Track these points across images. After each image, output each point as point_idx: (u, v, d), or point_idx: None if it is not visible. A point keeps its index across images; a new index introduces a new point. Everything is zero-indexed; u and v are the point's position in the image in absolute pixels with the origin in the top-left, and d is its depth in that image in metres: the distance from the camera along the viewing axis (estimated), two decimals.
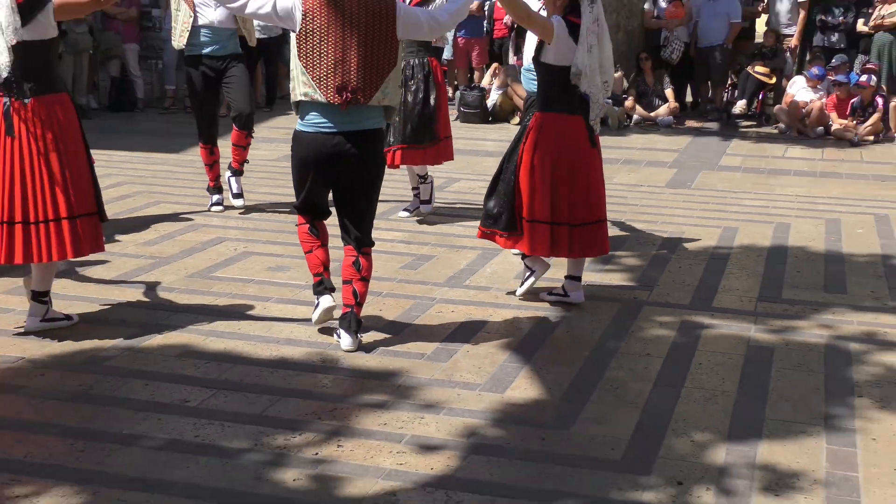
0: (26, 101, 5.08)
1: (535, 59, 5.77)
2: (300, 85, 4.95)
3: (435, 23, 5.31)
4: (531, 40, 6.25)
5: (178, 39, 8.11)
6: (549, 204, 5.61)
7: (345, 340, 5.05)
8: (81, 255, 5.40)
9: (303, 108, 5.02)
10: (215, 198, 8.31)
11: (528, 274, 5.95)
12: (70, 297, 5.76)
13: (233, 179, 8.30)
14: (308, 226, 5.18)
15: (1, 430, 4.21)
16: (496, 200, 5.82)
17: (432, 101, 7.65)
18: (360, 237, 5.15)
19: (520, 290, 5.99)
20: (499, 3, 6.03)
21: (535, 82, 6.07)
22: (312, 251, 5.17)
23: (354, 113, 4.95)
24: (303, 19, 4.86)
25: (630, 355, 5.13)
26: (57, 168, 5.11)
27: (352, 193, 5.12)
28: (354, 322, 5.06)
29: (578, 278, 5.87)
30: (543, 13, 5.69)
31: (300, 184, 5.16)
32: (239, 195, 8.27)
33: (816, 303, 6.00)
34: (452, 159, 8.12)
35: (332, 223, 5.31)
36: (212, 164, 8.34)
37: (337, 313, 5.15)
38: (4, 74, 4.99)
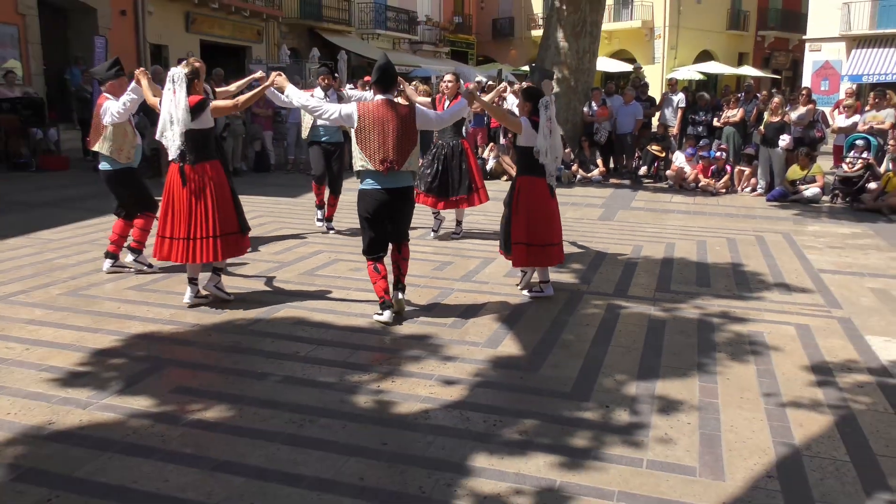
0: (192, 164, 5.14)
1: (513, 143, 5.79)
2: (358, 160, 4.96)
3: (439, 119, 5.46)
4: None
5: (305, 132, 8.17)
6: (526, 233, 5.56)
7: (386, 315, 5.03)
8: (226, 258, 5.41)
9: (361, 174, 5.03)
10: (320, 213, 8.25)
11: (522, 275, 5.91)
12: (230, 287, 5.73)
13: (321, 215, 8.26)
14: (373, 265, 5.11)
15: (183, 369, 4.19)
16: (502, 232, 5.83)
17: (464, 167, 7.64)
18: (400, 237, 5.18)
19: (519, 287, 5.88)
20: (488, 112, 6.03)
21: None
22: (377, 282, 5.09)
23: (392, 176, 4.93)
24: (358, 120, 4.89)
25: (575, 325, 5.06)
26: (210, 205, 5.17)
27: (395, 223, 5.11)
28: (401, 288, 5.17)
29: (548, 281, 5.78)
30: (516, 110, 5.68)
31: (365, 229, 5.11)
32: (330, 228, 8.19)
33: (691, 293, 5.91)
34: (488, 200, 7.93)
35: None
36: (320, 194, 8.25)
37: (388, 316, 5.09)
38: (179, 150, 5.10)
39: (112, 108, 5.91)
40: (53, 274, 6.11)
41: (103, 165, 6.16)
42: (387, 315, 5.02)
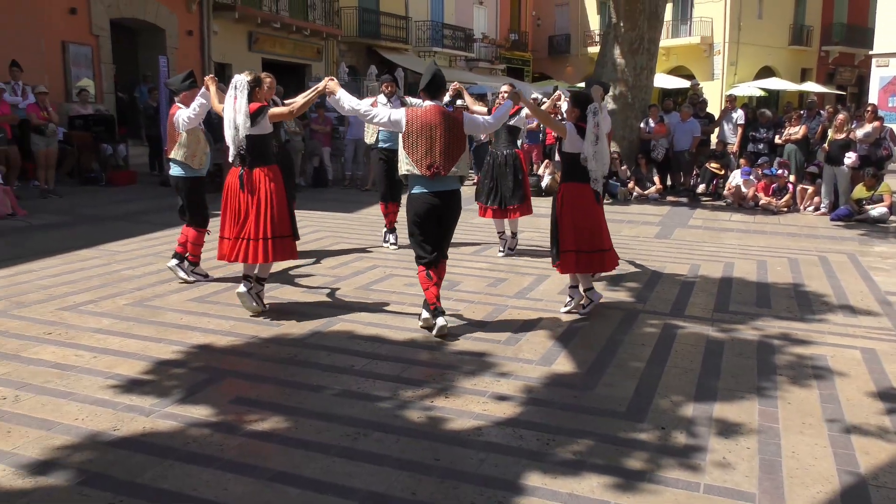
0: (250, 168, 5.34)
1: (558, 150, 5.76)
2: (404, 164, 5.03)
3: (487, 123, 5.42)
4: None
5: (370, 138, 8.29)
6: (574, 240, 5.51)
7: (440, 323, 5.01)
8: (277, 260, 5.53)
9: (409, 179, 5.07)
10: (389, 237, 8.30)
11: (569, 300, 5.77)
12: (287, 300, 5.83)
13: (391, 236, 8.27)
14: (426, 271, 5.13)
15: (241, 380, 4.27)
16: (554, 245, 5.75)
17: (519, 177, 7.64)
18: (441, 252, 5.16)
19: (563, 310, 5.74)
20: (531, 113, 5.98)
21: None
22: (429, 288, 5.11)
23: (440, 180, 4.97)
24: (406, 125, 4.97)
25: (631, 345, 4.99)
26: (264, 207, 5.33)
27: (441, 227, 5.11)
28: (440, 311, 5.08)
29: (591, 287, 5.69)
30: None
31: (415, 235, 5.13)
32: (395, 243, 8.20)
33: (751, 313, 5.78)
34: (531, 213, 7.96)
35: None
36: (387, 214, 8.30)
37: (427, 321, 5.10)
38: (238, 154, 5.31)
39: (183, 115, 6.22)
40: (120, 285, 6.31)
41: (176, 171, 6.46)
42: (440, 322, 4.97)
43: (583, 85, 25.40)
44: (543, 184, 13.10)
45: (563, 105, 12.36)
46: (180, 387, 4.10)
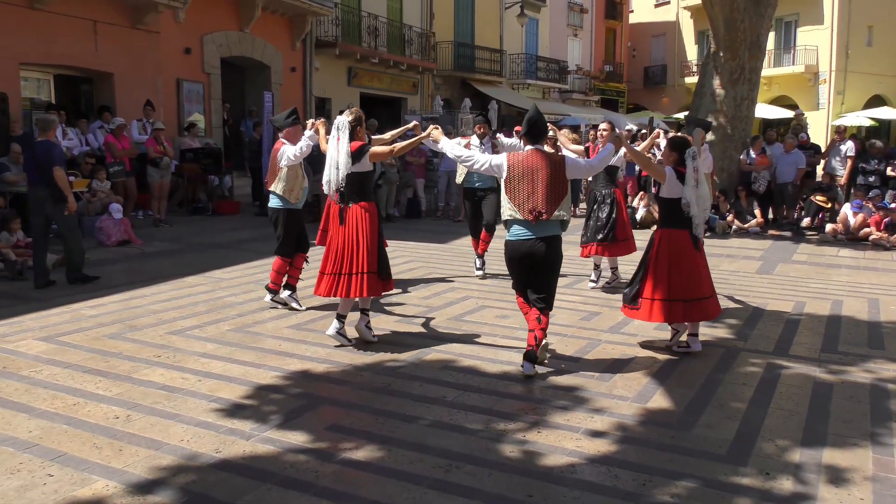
0: (350, 205, 5.47)
1: (656, 195, 5.62)
2: (507, 209, 4.99)
3: (589, 166, 5.38)
4: None
5: (459, 178, 8.46)
6: (667, 288, 5.31)
7: (527, 368, 4.88)
8: (373, 295, 5.58)
9: (508, 224, 5.04)
10: (478, 263, 8.36)
11: (674, 332, 5.60)
12: (380, 329, 5.91)
13: (478, 260, 8.34)
14: (522, 298, 5.12)
15: (337, 408, 4.34)
16: (631, 287, 5.57)
17: (614, 216, 7.54)
18: (544, 304, 5.02)
19: (668, 343, 5.61)
20: (631, 157, 5.91)
21: None
22: (529, 312, 5.07)
23: (541, 225, 4.91)
24: (507, 170, 4.94)
25: (731, 384, 4.79)
26: (364, 243, 5.42)
27: (540, 275, 5.01)
28: (533, 357, 4.90)
29: (696, 334, 5.53)
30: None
31: (513, 273, 5.12)
32: (481, 268, 8.30)
33: (863, 355, 5.46)
34: (635, 251, 7.75)
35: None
36: (478, 244, 8.37)
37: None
38: (339, 191, 5.45)
39: (289, 152, 6.42)
40: (224, 311, 6.57)
41: (275, 202, 6.68)
42: (527, 371, 4.89)
43: (680, 116, 24.91)
44: (638, 216, 12.88)
45: (661, 142, 12.22)
46: (278, 412, 4.21)
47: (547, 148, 5.27)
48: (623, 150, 6.42)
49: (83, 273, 7.77)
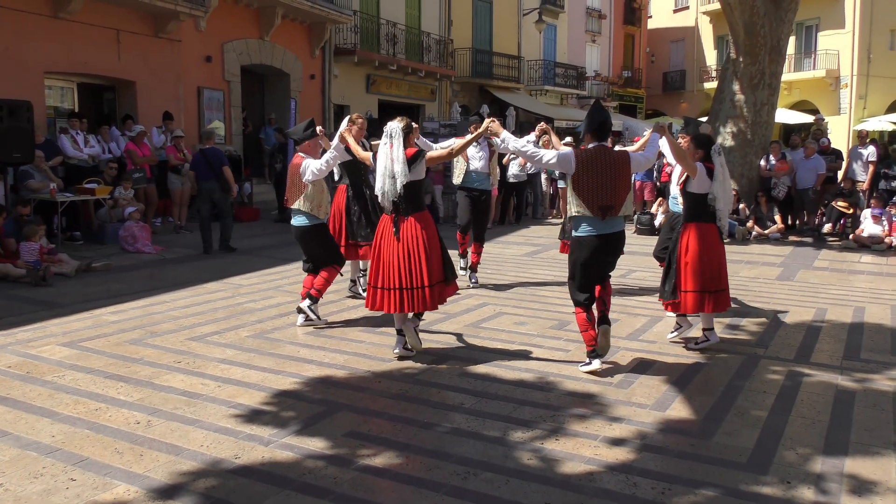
0: (406, 216, 5.26)
1: (682, 190, 5.77)
2: (574, 206, 5.00)
3: (646, 159, 5.46)
4: (675, 182, 6.30)
5: (457, 178, 8.35)
6: (700, 280, 5.51)
7: (595, 364, 5.04)
8: (436, 307, 5.45)
9: (576, 221, 5.04)
10: (462, 263, 8.30)
11: (677, 327, 5.88)
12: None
13: (462, 260, 8.30)
14: (585, 314, 5.10)
15: (355, 414, 4.35)
16: (668, 283, 5.79)
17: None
18: (604, 287, 5.18)
19: (670, 336, 5.90)
20: (670, 148, 5.88)
21: (679, 206, 6.20)
22: (588, 330, 5.08)
23: (609, 221, 4.97)
24: (576, 166, 4.94)
25: (752, 392, 4.75)
26: (423, 255, 5.21)
27: (606, 268, 5.16)
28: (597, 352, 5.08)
29: (712, 328, 5.68)
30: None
31: (577, 277, 5.09)
32: (474, 278, 8.23)
33: (885, 362, 5.39)
34: None
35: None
36: (464, 243, 8.33)
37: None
38: (394, 202, 5.19)
39: (312, 166, 5.97)
40: (243, 317, 6.60)
41: (300, 221, 6.20)
42: (595, 364, 5.02)
43: (701, 120, 24.74)
44: (657, 221, 12.81)
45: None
46: (297, 418, 4.22)
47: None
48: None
49: (230, 245, 10.60)
